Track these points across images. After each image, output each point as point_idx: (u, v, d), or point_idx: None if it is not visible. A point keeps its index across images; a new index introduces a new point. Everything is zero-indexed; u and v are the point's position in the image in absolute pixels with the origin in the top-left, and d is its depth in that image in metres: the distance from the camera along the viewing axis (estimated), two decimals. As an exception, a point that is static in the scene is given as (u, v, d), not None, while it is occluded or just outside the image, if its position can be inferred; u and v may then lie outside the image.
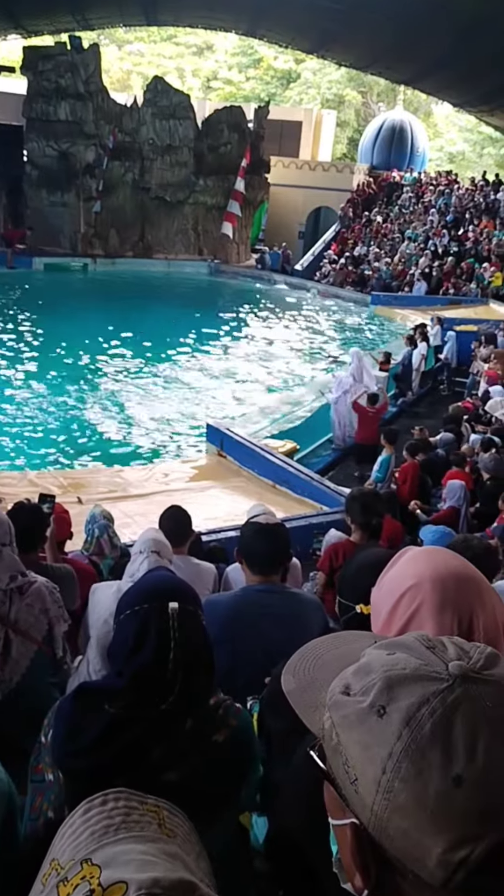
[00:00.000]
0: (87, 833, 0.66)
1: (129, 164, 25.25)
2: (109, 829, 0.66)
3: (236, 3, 23.71)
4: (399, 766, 0.61)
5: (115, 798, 0.72)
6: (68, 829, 0.68)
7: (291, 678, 0.80)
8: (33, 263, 23.07)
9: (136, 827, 0.68)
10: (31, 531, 2.92)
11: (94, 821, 0.68)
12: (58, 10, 23.86)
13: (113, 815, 0.69)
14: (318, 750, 0.69)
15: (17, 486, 7.36)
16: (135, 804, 0.73)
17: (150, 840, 0.68)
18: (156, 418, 11.80)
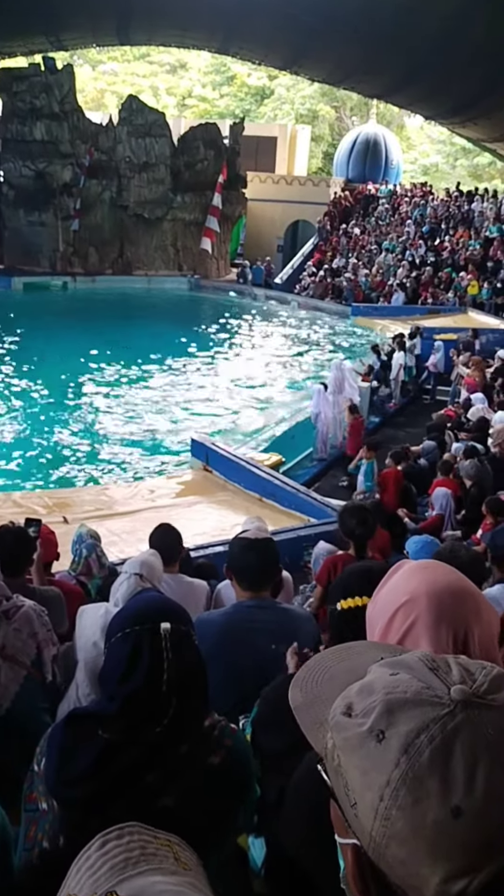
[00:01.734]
0: (106, 866, 0.65)
1: (106, 182, 25.33)
2: (129, 863, 0.65)
3: (208, 22, 23.94)
4: (396, 795, 0.60)
5: (130, 832, 0.71)
6: (84, 863, 0.66)
7: (298, 693, 0.78)
8: (12, 283, 23.02)
9: (155, 860, 0.67)
10: (17, 555, 2.89)
11: (111, 853, 0.67)
12: (31, 32, 23.96)
13: (131, 847, 0.68)
14: (322, 767, 0.68)
15: (0, 507, 7.29)
16: (148, 838, 0.72)
17: (172, 872, 0.67)
18: (140, 435, 11.77)
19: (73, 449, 11.01)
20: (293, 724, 0.76)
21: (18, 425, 11.76)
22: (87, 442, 11.34)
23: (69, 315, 20.68)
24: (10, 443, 11.02)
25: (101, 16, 23.49)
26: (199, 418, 12.85)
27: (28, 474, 9.92)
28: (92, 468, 10.37)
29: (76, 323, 19.11)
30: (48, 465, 10.28)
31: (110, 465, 10.54)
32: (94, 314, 20.51)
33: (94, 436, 11.62)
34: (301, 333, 21.03)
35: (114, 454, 10.93)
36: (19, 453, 10.63)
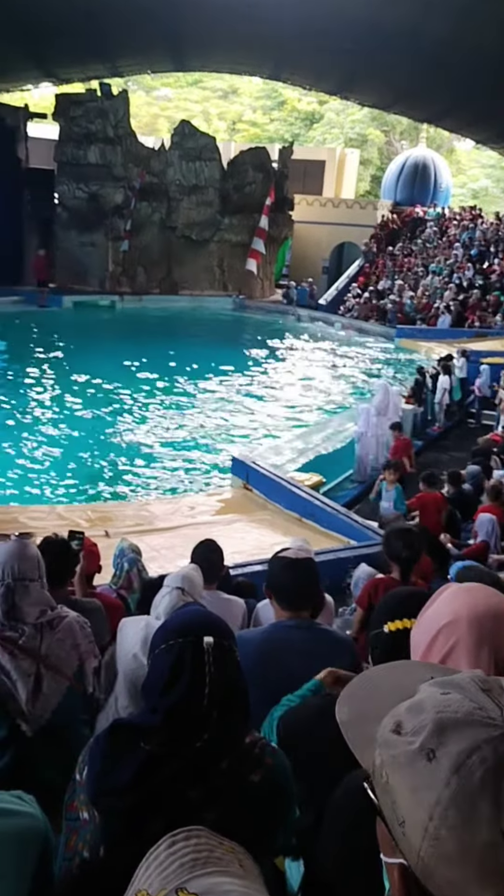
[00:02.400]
0: (175, 865, 0.66)
1: (156, 205, 25.86)
2: (198, 863, 0.66)
3: (260, 49, 24.39)
4: (446, 814, 0.59)
5: (198, 835, 0.72)
6: (154, 861, 0.67)
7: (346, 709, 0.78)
8: (63, 302, 23.57)
9: (222, 863, 0.68)
10: (60, 566, 2.93)
11: (180, 853, 0.68)
12: (89, 59, 24.76)
13: (199, 849, 0.69)
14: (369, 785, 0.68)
15: (45, 519, 7.41)
16: (215, 843, 0.73)
17: (239, 876, 0.68)
18: (182, 452, 11.86)
19: (116, 464, 11.16)
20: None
21: (64, 440, 11.97)
22: (130, 457, 11.49)
23: (116, 333, 21.09)
24: (56, 457, 11.23)
25: (156, 44, 24.15)
26: (240, 437, 12.91)
27: (72, 488, 10.08)
28: (134, 483, 10.48)
29: (122, 341, 19.47)
30: (92, 480, 10.44)
31: (152, 480, 10.64)
32: (140, 332, 20.87)
33: (136, 451, 11.76)
34: (344, 354, 21.01)
35: (156, 470, 11.04)
36: (64, 467, 10.81)
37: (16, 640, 2.10)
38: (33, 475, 10.39)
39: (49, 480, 10.27)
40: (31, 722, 2.04)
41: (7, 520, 7.30)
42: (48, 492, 9.84)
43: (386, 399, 11.00)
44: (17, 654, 2.08)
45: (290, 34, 20.99)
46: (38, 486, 10.04)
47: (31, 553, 2.21)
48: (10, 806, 1.06)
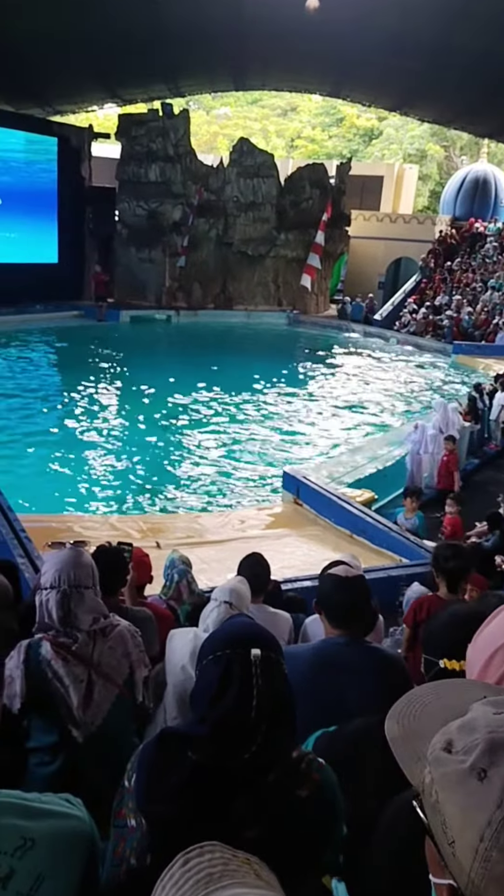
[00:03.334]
0: (190, 882, 0.66)
1: (213, 221, 26.25)
2: (213, 877, 0.66)
3: (321, 67, 24.58)
4: (498, 836, 0.58)
5: (211, 850, 0.72)
6: (169, 881, 0.68)
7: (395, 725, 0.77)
8: (120, 316, 24.09)
9: (238, 874, 0.68)
10: (113, 574, 2.98)
11: (195, 870, 0.68)
12: (152, 80, 25.41)
13: (213, 864, 0.69)
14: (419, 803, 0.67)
15: (98, 529, 7.55)
16: (229, 856, 0.73)
17: (255, 886, 0.68)
18: (233, 465, 11.93)
19: (168, 476, 11.29)
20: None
21: (119, 451, 12.19)
22: (181, 470, 11.61)
23: (171, 347, 21.42)
24: (110, 468, 11.44)
25: (217, 64, 24.63)
26: (291, 451, 12.90)
27: (125, 499, 10.24)
28: (185, 496, 10.58)
29: (177, 355, 19.76)
30: (144, 491, 10.58)
31: (203, 493, 10.72)
32: (195, 347, 21.14)
33: (189, 464, 11.88)
34: (399, 370, 20.81)
35: (207, 483, 11.12)
36: (118, 478, 11.00)
37: (69, 647, 2.14)
38: (88, 485, 10.60)
39: (103, 491, 10.46)
40: (82, 728, 2.07)
41: (62, 528, 7.47)
42: (102, 502, 10.02)
43: (445, 417, 10.85)
44: (70, 660, 2.12)
45: (350, 52, 21.10)
46: (92, 496, 10.24)
47: (86, 561, 2.26)
48: (59, 808, 1.08)
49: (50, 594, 2.16)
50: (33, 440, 12.37)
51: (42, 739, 2.10)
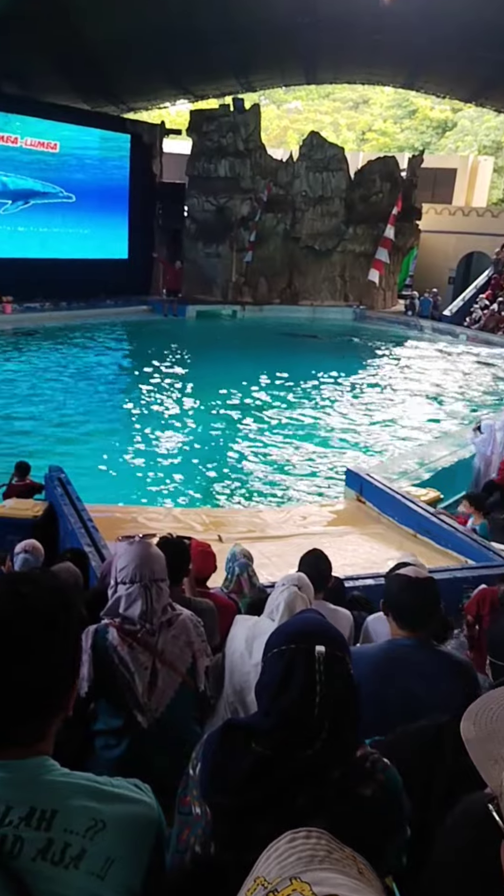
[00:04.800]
0: (294, 857, 0.67)
1: (281, 216, 26.19)
2: (315, 859, 0.67)
3: (395, 59, 24.17)
4: None
5: (319, 836, 0.73)
6: (273, 853, 0.69)
7: (472, 726, 0.76)
8: (187, 311, 24.36)
9: (340, 864, 0.68)
10: (176, 565, 3.02)
11: (300, 848, 0.69)
12: (224, 76, 25.54)
13: (317, 848, 0.70)
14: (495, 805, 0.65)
15: (161, 521, 7.65)
16: (335, 846, 0.73)
17: (355, 877, 0.68)
18: (295, 461, 11.90)
19: (231, 470, 11.36)
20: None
21: (183, 445, 12.35)
22: (244, 464, 11.66)
23: (236, 342, 21.52)
24: (174, 461, 11.59)
25: (289, 58, 24.53)
26: (355, 448, 12.78)
27: (187, 492, 10.36)
28: (247, 490, 10.62)
29: (242, 350, 19.83)
30: (207, 485, 10.68)
31: (265, 488, 10.74)
32: (260, 342, 21.17)
33: (251, 458, 11.92)
34: (468, 367, 20.31)
35: (269, 477, 11.14)
36: (182, 471, 11.14)
37: (135, 634, 2.18)
38: (153, 478, 10.78)
39: (167, 483, 10.61)
40: (147, 713, 2.12)
41: (126, 519, 7.62)
42: (165, 494, 10.16)
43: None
44: (135, 647, 2.16)
45: (425, 43, 20.65)
46: (156, 488, 10.40)
47: (159, 554, 2.31)
48: (129, 793, 1.10)
49: (132, 589, 2.21)
50: (101, 432, 12.66)
51: (108, 723, 2.15)
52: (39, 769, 1.02)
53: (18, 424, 12.72)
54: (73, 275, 22.41)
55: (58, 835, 0.96)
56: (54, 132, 22.33)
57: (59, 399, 14.53)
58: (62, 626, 1.06)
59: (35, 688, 1.02)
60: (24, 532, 6.34)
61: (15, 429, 12.45)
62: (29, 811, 0.96)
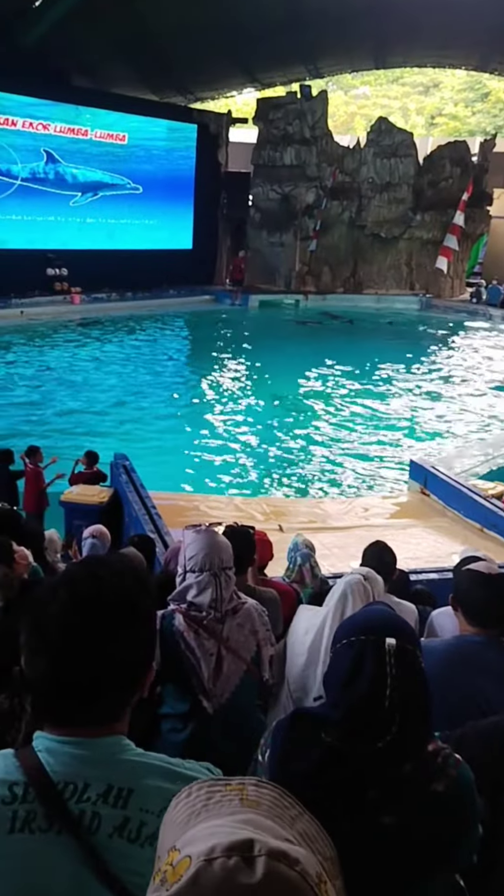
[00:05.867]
0: (174, 826, 0.66)
1: (346, 203, 25.87)
2: (192, 816, 0.65)
3: (466, 42, 23.44)
4: None
5: (199, 788, 0.71)
6: (163, 827, 0.68)
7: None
8: (250, 301, 24.38)
9: (216, 807, 0.66)
10: (242, 554, 3.03)
11: (179, 813, 0.67)
12: (291, 63, 25.32)
13: (195, 802, 0.68)
14: None
15: (223, 510, 7.72)
16: (217, 788, 0.71)
17: (227, 815, 0.65)
18: (358, 451, 11.79)
19: (292, 460, 11.35)
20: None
21: (245, 434, 12.40)
22: (306, 454, 11.63)
23: (298, 332, 21.42)
24: (236, 450, 11.66)
25: (358, 43, 24.11)
26: (419, 440, 12.56)
27: (249, 481, 10.41)
28: (309, 481, 10.59)
29: (303, 339, 19.73)
30: (269, 474, 10.70)
31: (327, 479, 10.69)
32: (322, 332, 21.01)
33: (313, 449, 11.87)
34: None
35: (331, 468, 11.08)
36: (243, 460, 11.20)
37: (200, 621, 2.21)
38: (215, 466, 10.87)
39: (228, 472, 10.68)
40: (213, 699, 2.14)
41: (188, 507, 7.72)
42: (227, 483, 10.24)
43: None
44: (201, 633, 2.19)
45: (498, 25, 19.93)
46: (218, 476, 10.49)
47: (226, 543, 2.33)
48: (201, 776, 1.11)
49: (201, 577, 2.24)
50: (164, 421, 12.85)
51: (174, 707, 2.19)
52: (116, 748, 1.05)
53: (85, 412, 13.04)
54: (139, 265, 22.74)
55: (134, 813, 0.98)
56: (123, 124, 22.65)
57: (124, 388, 14.81)
58: (141, 608, 1.08)
59: (115, 668, 1.04)
60: (91, 518, 6.51)
61: (82, 416, 12.76)
62: (106, 788, 0.99)
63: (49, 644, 1.03)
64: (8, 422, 12.14)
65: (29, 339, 18.18)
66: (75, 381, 15.02)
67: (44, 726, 1.06)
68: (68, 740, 1.02)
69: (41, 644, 1.04)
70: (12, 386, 14.43)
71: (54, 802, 0.97)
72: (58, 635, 1.03)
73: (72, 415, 12.83)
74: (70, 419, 12.55)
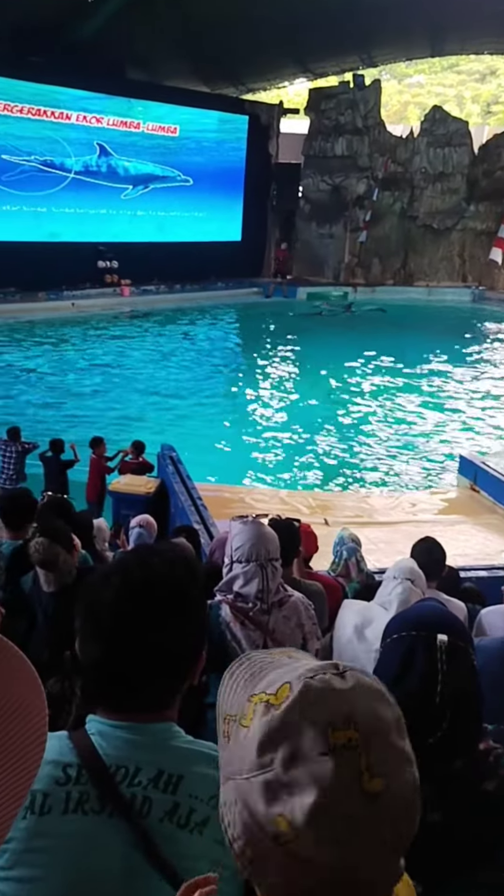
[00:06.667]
0: (240, 685, 0.71)
1: (398, 194, 25.49)
2: (256, 674, 0.70)
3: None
4: None
5: (248, 657, 0.76)
6: (222, 695, 0.73)
7: None
8: (297, 293, 24.26)
9: (276, 662, 0.72)
10: (287, 547, 3.03)
11: (239, 675, 0.72)
12: (345, 52, 25.01)
13: (253, 665, 0.73)
14: None
15: (268, 502, 7.73)
16: (264, 655, 0.76)
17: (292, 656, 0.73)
18: (406, 446, 11.65)
19: (338, 453, 11.29)
20: None
21: (291, 427, 12.37)
22: (352, 448, 11.54)
23: (346, 324, 21.23)
24: (282, 443, 11.64)
25: (414, 30, 23.64)
26: (469, 435, 12.34)
27: (294, 474, 10.39)
28: (355, 475, 10.52)
29: (351, 332, 19.55)
30: (314, 467, 10.66)
31: (373, 473, 10.59)
32: (370, 324, 20.78)
33: (359, 443, 11.78)
34: None
35: (378, 463, 10.97)
36: (288, 453, 11.18)
37: (246, 612, 2.22)
38: (260, 459, 10.89)
39: (274, 465, 10.69)
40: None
41: (234, 499, 7.76)
42: (273, 476, 10.24)
43: None
44: (247, 625, 2.20)
45: None
46: (263, 469, 10.50)
47: (273, 535, 2.32)
48: None
49: (248, 567, 2.24)
50: (210, 412, 12.92)
51: (220, 696, 2.20)
52: (167, 734, 1.06)
53: (132, 402, 13.21)
54: (188, 257, 22.85)
55: (183, 799, 0.99)
56: (175, 116, 22.75)
57: (171, 379, 14.94)
58: (192, 597, 1.09)
59: (167, 655, 1.06)
60: (137, 507, 6.60)
61: (129, 407, 12.94)
62: (157, 773, 1.00)
63: (102, 630, 1.05)
64: (59, 412, 12.40)
65: (81, 331, 18.50)
66: (123, 373, 15.22)
67: (96, 710, 1.08)
68: (120, 724, 1.04)
69: (95, 630, 1.06)
70: (62, 377, 14.71)
71: (107, 785, 0.98)
72: (111, 622, 1.05)
73: (119, 405, 13.01)
74: (117, 410, 12.74)
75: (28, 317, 18.67)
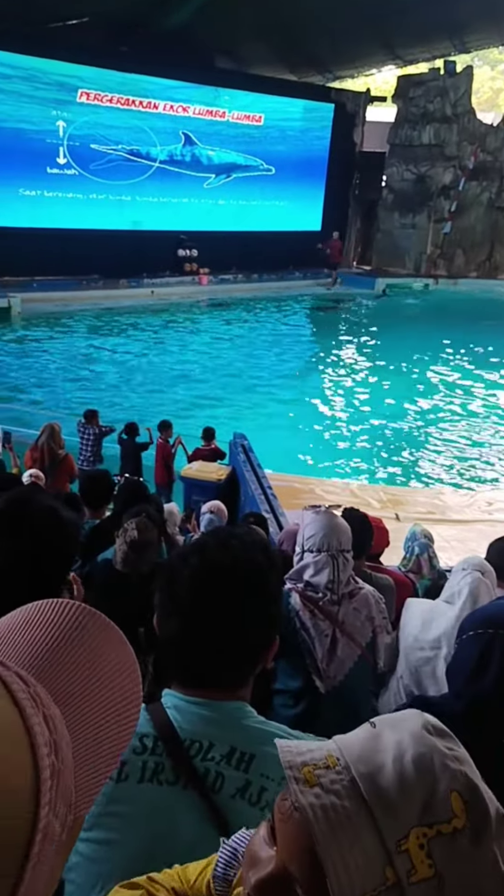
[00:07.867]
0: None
1: (486, 184, 24.67)
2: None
3: None
4: None
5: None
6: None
7: None
8: (375, 284, 23.85)
9: None
10: (360, 539, 3.01)
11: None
12: (436, 37, 24.27)
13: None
14: None
15: (339, 494, 7.68)
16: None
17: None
18: (485, 442, 11.33)
19: (413, 449, 11.08)
20: None
21: (364, 419, 12.23)
22: (427, 442, 11.32)
23: (425, 317, 20.76)
24: (355, 435, 11.53)
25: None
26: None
27: (366, 467, 10.28)
28: (429, 471, 10.32)
29: (430, 325, 19.09)
30: (387, 461, 10.52)
31: (448, 470, 10.36)
32: (451, 317, 20.23)
33: (434, 437, 11.54)
34: None
35: (454, 458, 10.72)
36: (361, 445, 11.07)
37: (316, 601, 2.22)
38: (332, 450, 10.82)
39: (346, 457, 10.60)
40: (325, 680, 2.15)
41: (304, 490, 7.74)
42: (345, 468, 10.16)
43: None
44: (316, 614, 2.20)
45: None
46: (335, 461, 10.43)
47: (346, 526, 2.32)
48: None
49: (319, 557, 2.25)
50: (284, 402, 12.91)
51: (287, 683, 2.22)
52: (239, 713, 1.08)
53: (207, 391, 13.35)
54: (266, 247, 22.82)
55: (255, 777, 1.01)
56: (260, 105, 22.69)
57: (245, 368, 15.00)
58: (268, 580, 1.11)
59: (241, 635, 1.07)
60: (208, 493, 6.69)
61: (204, 395, 13.08)
62: (229, 750, 1.02)
63: (180, 607, 1.08)
64: (137, 395, 12.68)
65: (159, 319, 18.81)
66: (200, 361, 15.39)
67: (172, 685, 1.11)
68: (196, 700, 1.07)
69: (173, 606, 1.09)
70: (138, 363, 15.01)
71: (182, 757, 1.01)
72: (188, 599, 1.07)
73: (194, 393, 13.18)
74: (192, 397, 12.91)
75: (108, 303, 19.11)
